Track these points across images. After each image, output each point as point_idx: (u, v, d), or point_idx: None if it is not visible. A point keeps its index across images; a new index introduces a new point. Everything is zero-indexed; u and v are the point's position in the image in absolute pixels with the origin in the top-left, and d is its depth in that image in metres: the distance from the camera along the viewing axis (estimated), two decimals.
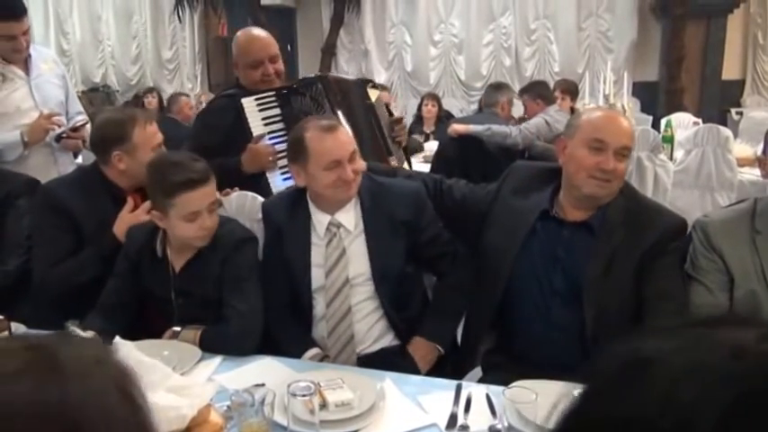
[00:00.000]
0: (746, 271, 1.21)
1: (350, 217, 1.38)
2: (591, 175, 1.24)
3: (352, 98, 1.77)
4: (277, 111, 1.75)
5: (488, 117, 3.21)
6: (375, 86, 1.87)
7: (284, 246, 1.40)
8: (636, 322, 1.25)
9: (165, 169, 1.30)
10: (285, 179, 1.69)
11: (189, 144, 1.85)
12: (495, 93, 3.32)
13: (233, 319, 1.31)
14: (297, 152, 1.34)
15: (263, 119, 1.75)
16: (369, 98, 1.79)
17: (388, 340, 1.40)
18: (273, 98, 1.75)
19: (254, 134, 1.73)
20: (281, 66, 1.84)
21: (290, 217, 1.40)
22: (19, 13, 1.94)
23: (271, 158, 1.71)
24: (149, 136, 1.54)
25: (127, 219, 1.50)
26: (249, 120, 1.74)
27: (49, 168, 1.99)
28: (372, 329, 1.39)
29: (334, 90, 1.75)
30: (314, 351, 1.33)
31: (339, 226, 1.37)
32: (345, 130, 1.35)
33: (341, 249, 1.37)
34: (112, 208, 1.54)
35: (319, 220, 1.38)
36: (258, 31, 1.90)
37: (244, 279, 1.36)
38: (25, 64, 2.04)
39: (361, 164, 1.36)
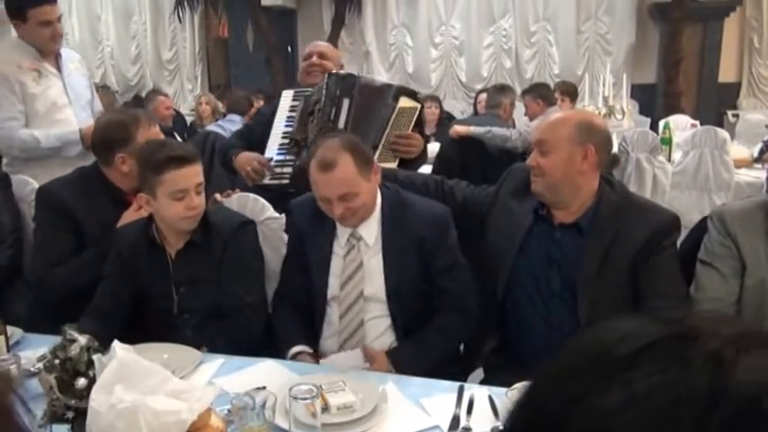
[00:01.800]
0: (758, 260, 1.22)
1: (371, 231, 1.35)
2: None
3: (373, 93, 1.76)
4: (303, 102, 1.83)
5: (490, 119, 3.20)
6: (416, 99, 1.80)
7: (306, 249, 1.39)
8: None
9: (154, 148, 1.33)
10: (279, 153, 1.80)
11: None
12: (498, 95, 3.32)
13: (241, 312, 1.33)
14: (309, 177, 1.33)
15: (291, 107, 1.85)
16: (395, 101, 1.74)
17: None
18: (309, 92, 1.81)
19: (277, 117, 1.83)
20: (328, 65, 1.92)
21: (315, 221, 1.38)
22: None
23: (249, 169, 1.76)
24: (153, 137, 1.54)
25: (130, 217, 1.50)
26: (280, 106, 1.85)
27: (86, 160, 2.01)
28: (383, 348, 1.34)
29: (355, 83, 1.75)
30: (299, 348, 1.30)
31: (360, 239, 1.35)
32: (342, 168, 1.26)
33: (358, 262, 1.35)
34: (113, 210, 1.53)
35: (342, 229, 1.36)
36: (323, 42, 2.18)
37: (246, 268, 1.37)
38: (57, 61, 2.08)
39: (359, 203, 1.28)
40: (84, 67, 2.22)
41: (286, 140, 1.81)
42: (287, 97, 1.87)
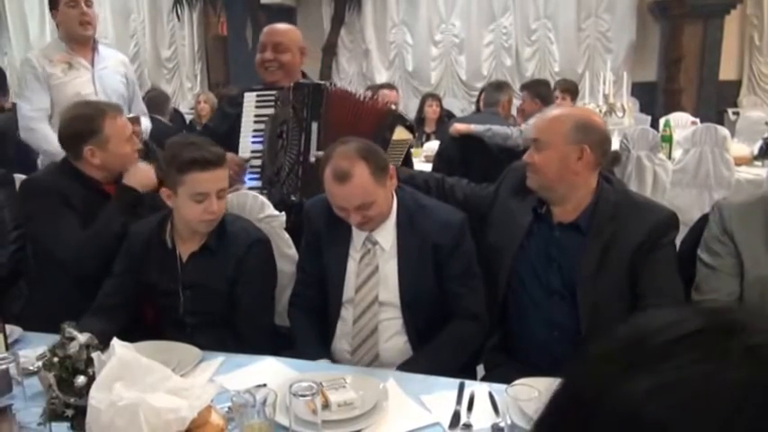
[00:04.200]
0: (756, 256, 1.22)
1: (387, 236, 1.33)
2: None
3: (352, 112, 1.66)
4: (271, 111, 1.73)
5: (489, 117, 3.19)
6: (408, 127, 1.73)
7: (322, 251, 1.38)
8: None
9: (182, 146, 1.32)
10: (251, 179, 1.74)
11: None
12: (495, 92, 3.29)
13: (252, 334, 1.35)
14: (322, 182, 1.30)
15: (255, 116, 1.76)
16: (390, 133, 1.66)
17: None
18: (272, 97, 1.74)
19: (243, 128, 1.75)
20: (285, 58, 1.80)
21: (330, 223, 1.36)
22: None
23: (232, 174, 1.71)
24: (120, 127, 1.53)
25: (142, 169, 1.52)
26: (244, 113, 1.76)
27: None
28: (396, 352, 1.34)
29: (321, 101, 1.66)
30: (324, 362, 1.29)
31: (375, 243, 1.33)
32: (358, 179, 1.22)
33: (373, 266, 1.33)
34: (92, 200, 1.53)
35: (357, 232, 1.35)
36: (282, 24, 1.93)
37: (263, 288, 1.39)
38: (92, 55, 2.17)
39: (376, 210, 1.26)
40: (126, 69, 2.31)
41: (257, 163, 1.73)
42: (250, 102, 1.76)
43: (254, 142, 1.76)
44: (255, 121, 1.75)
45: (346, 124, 1.63)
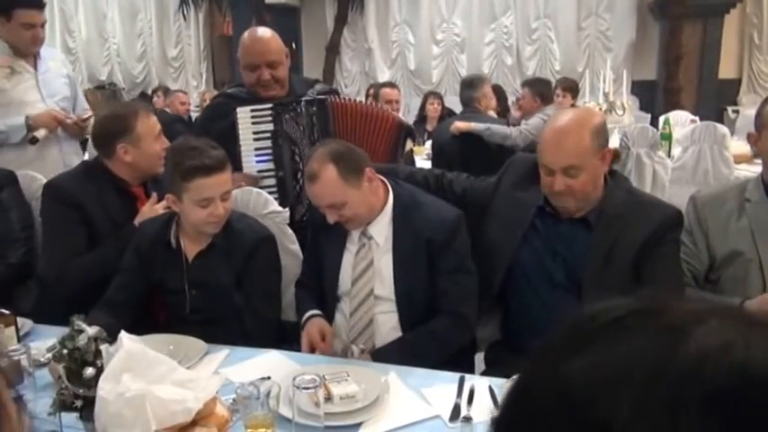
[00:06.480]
0: (729, 235, 1.27)
1: (381, 231, 1.35)
2: (550, 193, 1.28)
3: (367, 133, 1.66)
4: (269, 126, 1.69)
5: (470, 115, 3.13)
6: (413, 136, 1.72)
7: (321, 243, 1.41)
8: None
9: (184, 153, 1.32)
10: None
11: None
12: (468, 90, 3.18)
13: (256, 328, 1.36)
14: None
15: (254, 133, 1.70)
16: (404, 147, 1.67)
17: None
18: (269, 112, 1.69)
19: (243, 146, 1.71)
20: (280, 72, 1.75)
21: None
22: (42, 4, 2.08)
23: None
24: (152, 126, 1.58)
25: (147, 212, 1.53)
26: (240, 131, 1.69)
27: (57, 163, 2.06)
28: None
29: (328, 117, 1.66)
30: (312, 311, 1.34)
31: (370, 238, 1.35)
32: (325, 179, 1.26)
33: (368, 261, 1.35)
34: (118, 201, 1.57)
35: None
36: (263, 33, 1.80)
37: (268, 283, 1.41)
38: (34, 59, 2.12)
39: (349, 212, 1.29)
40: (66, 67, 2.28)
41: (270, 183, 1.70)
42: (245, 119, 1.69)
43: (258, 161, 1.72)
44: (255, 139, 1.71)
45: (359, 143, 1.59)
